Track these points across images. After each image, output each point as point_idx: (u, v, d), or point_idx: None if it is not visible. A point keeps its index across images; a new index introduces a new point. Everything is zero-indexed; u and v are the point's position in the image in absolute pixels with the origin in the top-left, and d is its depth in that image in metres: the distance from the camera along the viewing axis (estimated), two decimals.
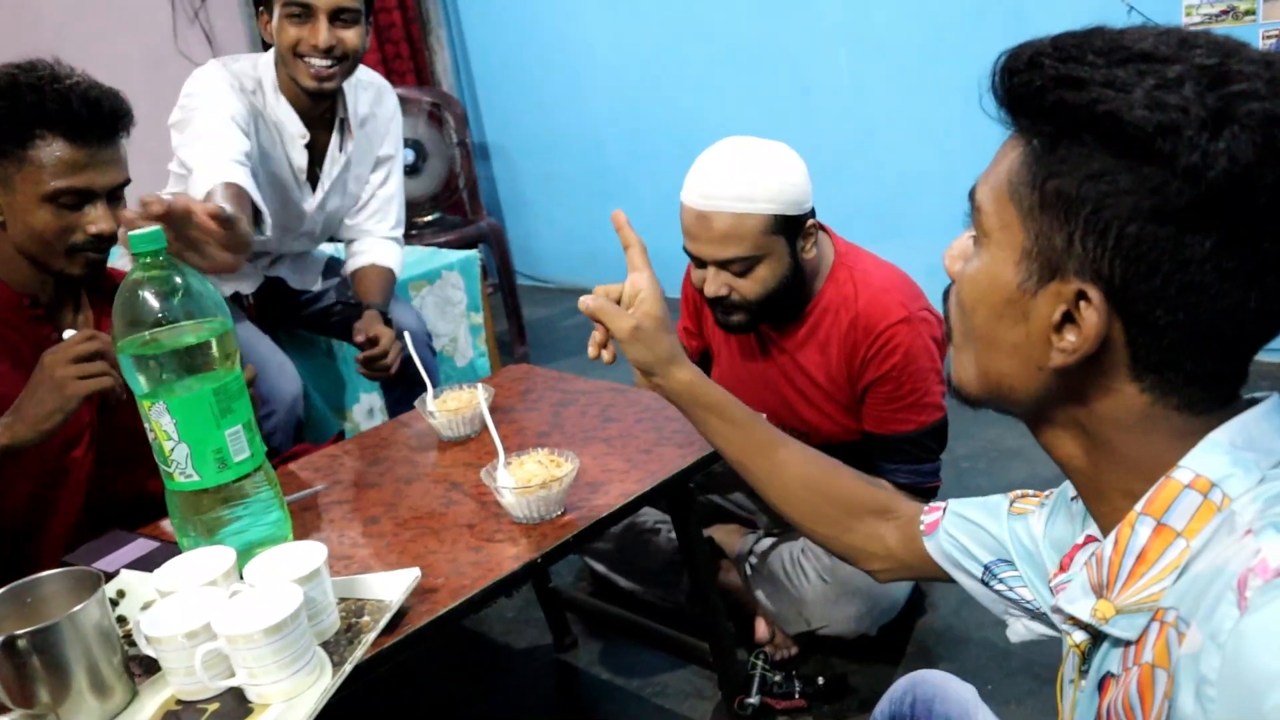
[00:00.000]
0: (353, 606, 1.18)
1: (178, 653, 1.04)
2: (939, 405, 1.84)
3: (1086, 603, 0.73)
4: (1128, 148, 0.64)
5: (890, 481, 1.86)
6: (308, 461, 1.69)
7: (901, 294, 1.81)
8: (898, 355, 1.77)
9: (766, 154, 1.71)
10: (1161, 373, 0.69)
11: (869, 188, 3.62)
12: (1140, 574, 0.69)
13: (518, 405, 1.81)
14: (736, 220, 1.67)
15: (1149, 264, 0.65)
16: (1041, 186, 0.68)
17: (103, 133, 1.50)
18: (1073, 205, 0.67)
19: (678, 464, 1.51)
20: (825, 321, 1.83)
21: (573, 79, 4.43)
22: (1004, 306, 0.72)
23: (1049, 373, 0.72)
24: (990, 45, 0.74)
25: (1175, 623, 0.66)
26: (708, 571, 1.74)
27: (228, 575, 1.16)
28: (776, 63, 3.80)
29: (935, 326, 1.84)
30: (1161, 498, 0.69)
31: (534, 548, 1.31)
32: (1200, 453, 0.69)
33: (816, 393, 1.87)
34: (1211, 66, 0.63)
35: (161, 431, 1.15)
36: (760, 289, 1.73)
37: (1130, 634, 0.70)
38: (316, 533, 1.43)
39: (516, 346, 4.01)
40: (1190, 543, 0.67)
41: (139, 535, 1.45)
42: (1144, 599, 0.69)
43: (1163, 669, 0.66)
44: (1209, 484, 0.68)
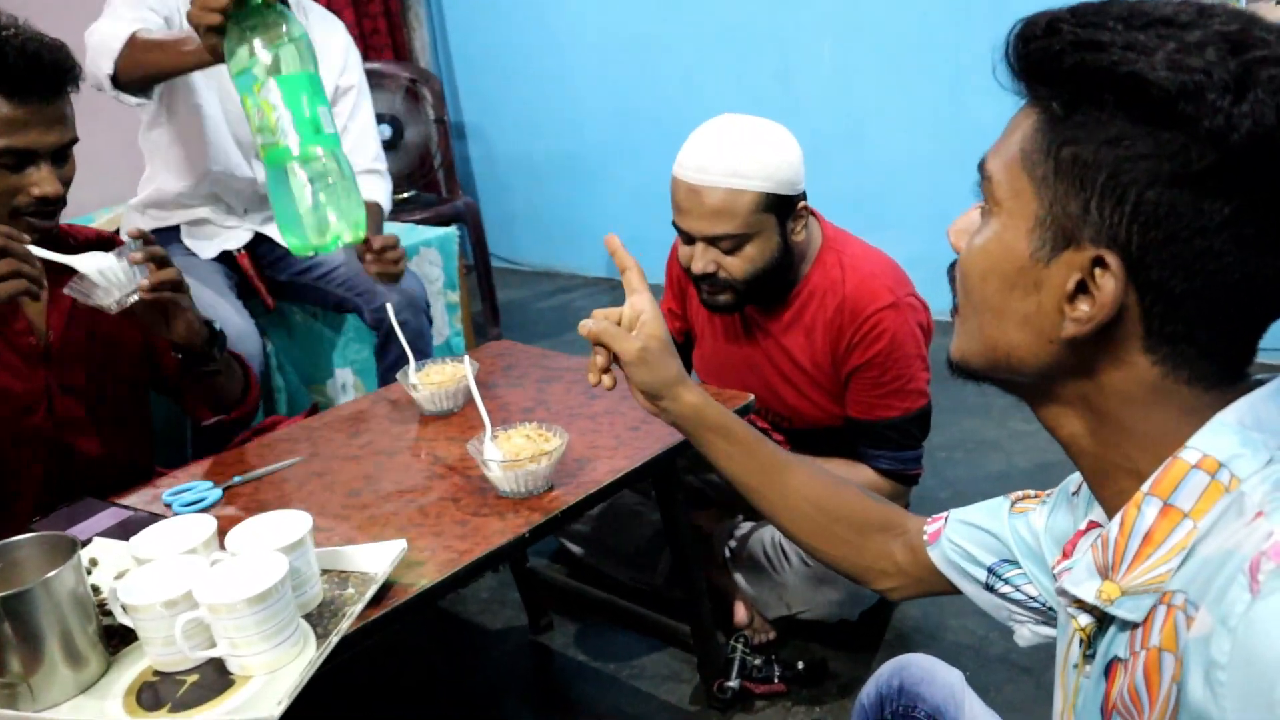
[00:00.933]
0: (336, 578, 1.15)
1: (156, 622, 1.00)
2: (923, 392, 1.83)
3: (1091, 584, 0.72)
4: (1148, 111, 0.63)
5: (872, 467, 1.86)
6: (285, 433, 1.65)
7: (889, 279, 1.80)
8: (883, 341, 1.76)
9: (762, 131, 1.69)
10: (1175, 344, 0.67)
11: (853, 177, 3.61)
12: (1146, 555, 0.68)
13: (500, 381, 1.78)
14: (729, 196, 1.65)
15: (1167, 230, 0.63)
16: (1057, 153, 0.67)
17: (44, 89, 1.40)
18: (1089, 171, 0.65)
19: (666, 441, 1.49)
20: (811, 305, 1.82)
21: (553, 59, 4.39)
22: (1016, 276, 0.71)
23: (1060, 344, 0.70)
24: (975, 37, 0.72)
25: (1184, 605, 0.64)
26: (692, 553, 1.72)
27: (208, 543, 1.13)
28: (761, 50, 3.78)
29: (921, 313, 1.83)
30: (1169, 478, 0.68)
31: (522, 522, 1.29)
32: (1208, 433, 0.68)
33: (800, 376, 1.86)
34: (1232, 33, 0.62)
35: (268, 105, 1.36)
36: (748, 268, 1.71)
37: (1136, 615, 0.69)
38: (296, 504, 1.39)
39: (490, 327, 3.97)
40: (1198, 524, 0.66)
41: (111, 503, 1.40)
42: (1150, 580, 0.68)
43: (1170, 653, 0.65)
44: (1217, 464, 0.66)
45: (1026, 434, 2.71)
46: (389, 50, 4.37)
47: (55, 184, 1.43)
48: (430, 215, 3.76)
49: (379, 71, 3.94)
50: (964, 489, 2.49)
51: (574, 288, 4.54)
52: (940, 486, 2.50)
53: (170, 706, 0.98)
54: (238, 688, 1.00)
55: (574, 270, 4.71)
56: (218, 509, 1.40)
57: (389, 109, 3.82)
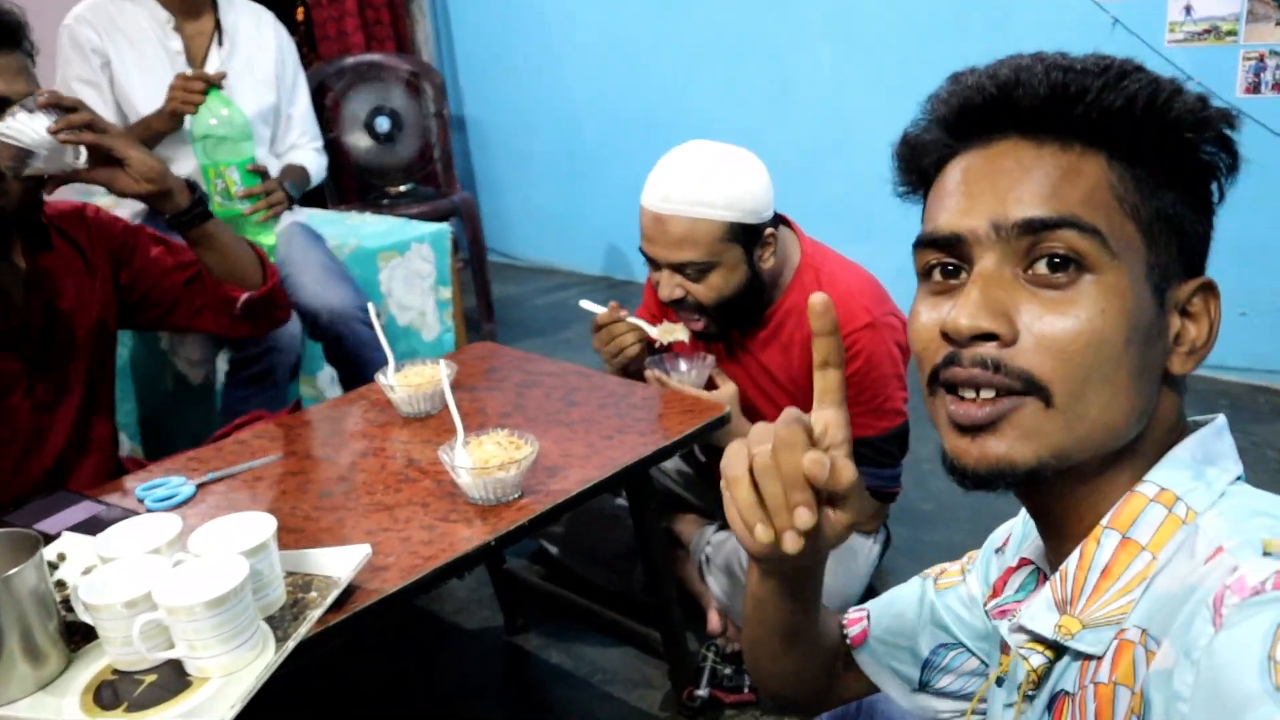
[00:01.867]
0: (300, 581, 1.16)
1: (116, 621, 1.01)
2: (900, 411, 1.83)
3: (1050, 618, 0.72)
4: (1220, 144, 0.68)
5: None
6: (263, 430, 1.66)
7: (867, 298, 1.80)
8: (860, 360, 1.77)
9: (728, 160, 1.70)
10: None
11: (844, 186, 3.61)
12: (1105, 588, 0.69)
13: (481, 384, 1.79)
14: (692, 225, 1.67)
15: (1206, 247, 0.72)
16: (1156, 197, 0.69)
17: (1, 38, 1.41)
18: (1179, 209, 0.69)
19: (638, 451, 1.49)
20: (789, 323, 1.82)
21: (553, 58, 4.39)
22: (1148, 329, 0.68)
23: (1157, 385, 0.70)
24: (971, 51, 0.72)
25: (1144, 640, 0.65)
26: (663, 561, 1.73)
27: (172, 544, 1.14)
28: (758, 56, 3.78)
29: (900, 331, 1.83)
30: (1127, 511, 0.69)
31: (489, 530, 1.30)
32: (1164, 467, 0.69)
33: (779, 393, 1.87)
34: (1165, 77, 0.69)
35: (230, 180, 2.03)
36: (714, 295, 1.73)
37: (1097, 649, 0.68)
38: (267, 504, 1.40)
39: (484, 323, 3.98)
40: (1156, 556, 0.67)
41: (84, 497, 1.41)
42: (1110, 613, 0.68)
43: (1126, 687, 0.65)
44: (1174, 498, 0.68)
45: None
46: (391, 42, 4.37)
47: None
48: (427, 209, 3.77)
49: (380, 63, 3.95)
50: (947, 501, 2.50)
51: (570, 285, 4.55)
52: (923, 499, 2.51)
53: (127, 706, 0.99)
54: (194, 689, 1.00)
55: (571, 267, 4.71)
56: (189, 506, 1.41)
57: (389, 101, 3.83)
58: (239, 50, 2.38)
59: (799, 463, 0.67)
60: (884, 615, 0.98)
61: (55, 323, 1.57)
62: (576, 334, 3.92)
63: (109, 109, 2.22)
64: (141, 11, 2.27)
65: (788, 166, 1.82)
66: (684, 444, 1.56)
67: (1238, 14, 2.78)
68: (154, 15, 2.28)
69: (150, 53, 2.27)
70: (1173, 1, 2.88)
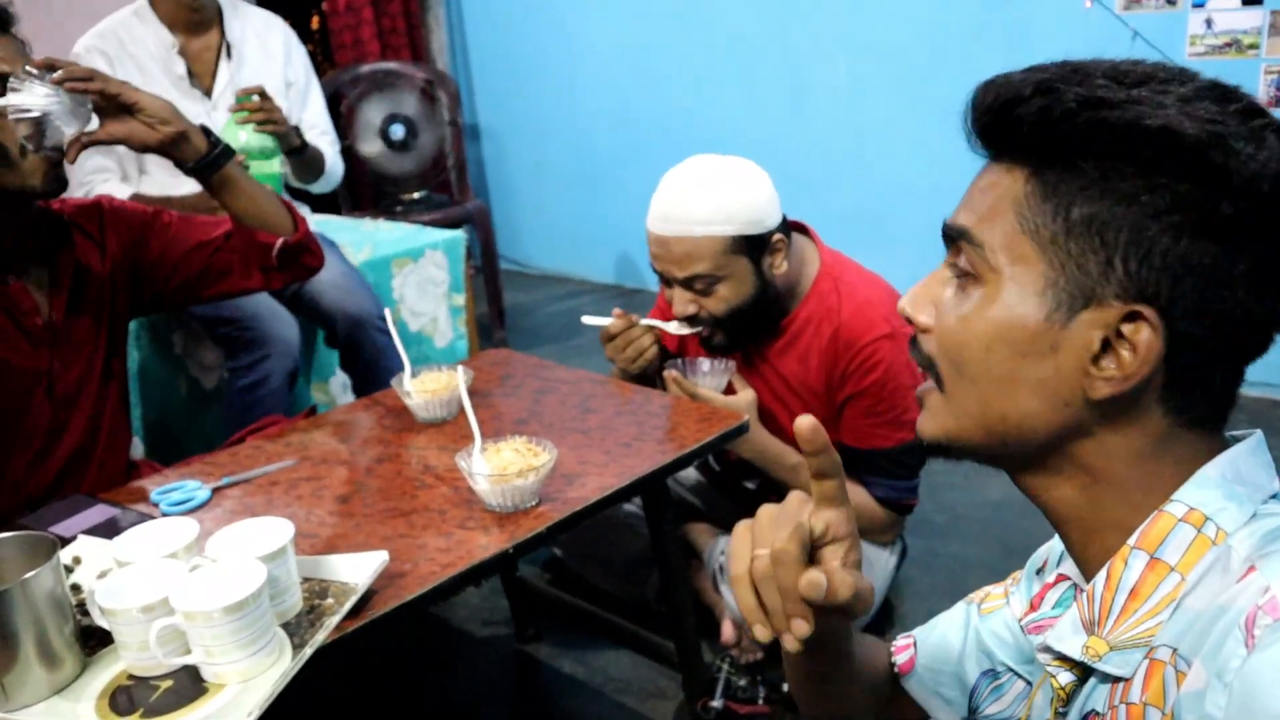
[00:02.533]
0: (316, 587, 1.15)
1: (132, 626, 1.00)
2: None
3: (1077, 640, 0.71)
4: (1166, 162, 0.63)
5: (869, 493, 1.85)
6: (278, 435, 1.65)
7: (886, 308, 1.79)
8: (879, 371, 1.76)
9: (726, 174, 1.70)
10: (1189, 392, 0.68)
11: (860, 195, 3.61)
12: (1133, 609, 0.68)
13: (496, 390, 1.78)
14: (694, 243, 1.69)
15: (1193, 281, 0.64)
16: (1066, 215, 0.66)
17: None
18: (1107, 230, 0.65)
19: (656, 460, 1.48)
20: (807, 332, 1.81)
21: (568, 66, 4.39)
22: (1028, 342, 0.68)
23: (1079, 406, 0.68)
24: (991, 62, 0.72)
25: (1174, 660, 0.64)
26: (679, 571, 1.72)
27: (189, 548, 1.13)
28: (774, 64, 3.78)
29: None
30: (1155, 531, 0.68)
31: (506, 538, 1.28)
32: (1193, 486, 0.68)
33: (794, 402, 1.85)
34: (1209, 86, 0.65)
35: None
36: (725, 307, 1.73)
37: (1124, 671, 0.68)
38: (283, 509, 1.39)
39: (496, 330, 3.97)
40: (1185, 577, 0.66)
41: (99, 500, 1.41)
42: (1139, 635, 0.67)
43: (1156, 708, 0.64)
44: (1203, 518, 0.66)
45: None
46: (406, 50, 4.38)
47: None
48: (440, 217, 3.77)
49: (395, 71, 3.96)
50: (961, 514, 2.48)
51: (582, 293, 4.54)
52: (937, 511, 2.49)
53: (143, 711, 0.98)
54: (210, 696, 0.99)
55: (582, 275, 4.71)
56: (205, 510, 1.40)
57: (404, 109, 3.83)
58: (246, 62, 2.38)
59: (794, 581, 0.68)
60: (929, 642, 0.97)
61: (75, 319, 1.57)
62: (588, 341, 3.91)
63: None
64: (149, 35, 2.29)
65: (804, 176, 1.82)
66: (702, 453, 1.55)
67: (1259, 27, 2.77)
68: (160, 39, 2.30)
69: (157, 76, 2.27)
70: (1193, 14, 2.87)
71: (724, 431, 1.57)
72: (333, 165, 2.53)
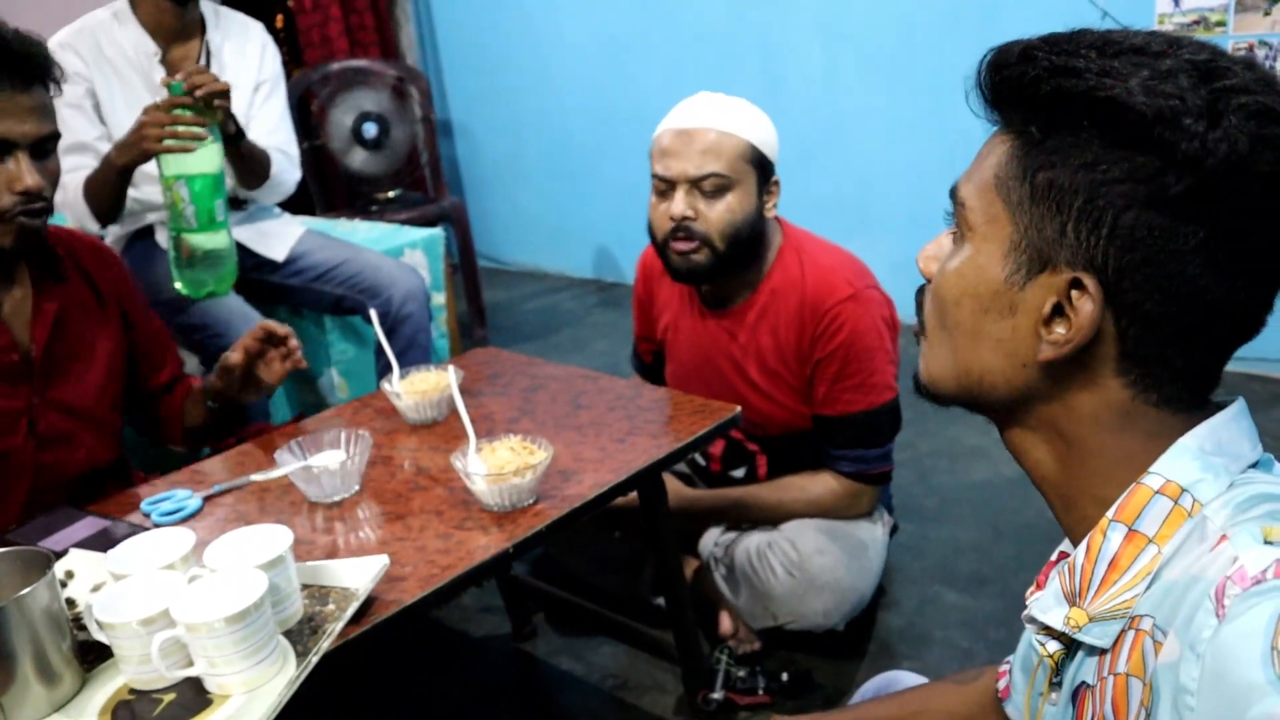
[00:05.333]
0: (316, 594, 1.13)
1: (132, 640, 0.99)
2: (889, 385, 1.83)
3: (1060, 611, 0.73)
4: (1125, 135, 0.64)
5: (834, 471, 1.86)
6: (267, 440, 1.63)
7: (848, 272, 1.82)
8: (844, 333, 1.77)
9: (746, 103, 1.80)
10: (1147, 366, 0.69)
11: (837, 181, 3.61)
12: (1113, 581, 0.69)
13: (485, 389, 1.77)
14: (720, 137, 1.73)
15: (1143, 253, 0.65)
16: (1032, 178, 0.69)
17: (14, 74, 1.34)
18: (1065, 195, 0.67)
19: (652, 454, 1.48)
20: (775, 304, 1.83)
21: (540, 60, 4.37)
22: (991, 300, 0.71)
23: (1034, 367, 0.71)
24: (964, 45, 0.73)
25: (1151, 631, 0.65)
26: (676, 564, 1.71)
27: (186, 558, 1.11)
28: (748, 52, 3.77)
29: (884, 306, 1.84)
30: (1132, 504, 0.69)
31: (505, 537, 1.27)
32: (1170, 458, 0.69)
33: (768, 380, 1.86)
34: (1201, 61, 0.65)
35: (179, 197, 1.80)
36: (725, 218, 1.74)
37: (1104, 641, 0.70)
38: (277, 516, 1.37)
39: (476, 329, 3.95)
40: (1162, 549, 0.67)
41: (88, 512, 1.38)
42: (1117, 606, 0.69)
43: (1138, 679, 0.66)
44: (1179, 489, 0.68)
45: None
46: (375, 47, 4.34)
47: (36, 177, 1.36)
48: (416, 215, 3.74)
49: (365, 69, 3.92)
50: (950, 496, 2.49)
51: (560, 289, 4.52)
52: (925, 494, 2.50)
53: None
54: (216, 707, 0.98)
55: (560, 271, 4.69)
56: (197, 519, 1.38)
57: (376, 106, 3.80)
58: (226, 71, 2.32)
59: None
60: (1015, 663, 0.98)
61: (62, 358, 1.52)
62: (567, 338, 3.90)
63: (95, 131, 2.17)
64: (128, 40, 2.21)
65: (782, 163, 1.82)
66: (697, 445, 1.54)
67: (1226, 4, 2.79)
68: (140, 46, 2.22)
69: (136, 83, 2.21)
70: None
71: (718, 423, 1.57)
72: (281, 172, 2.34)
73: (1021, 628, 0.83)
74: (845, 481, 1.86)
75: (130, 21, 2.22)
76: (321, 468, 1.37)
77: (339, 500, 1.40)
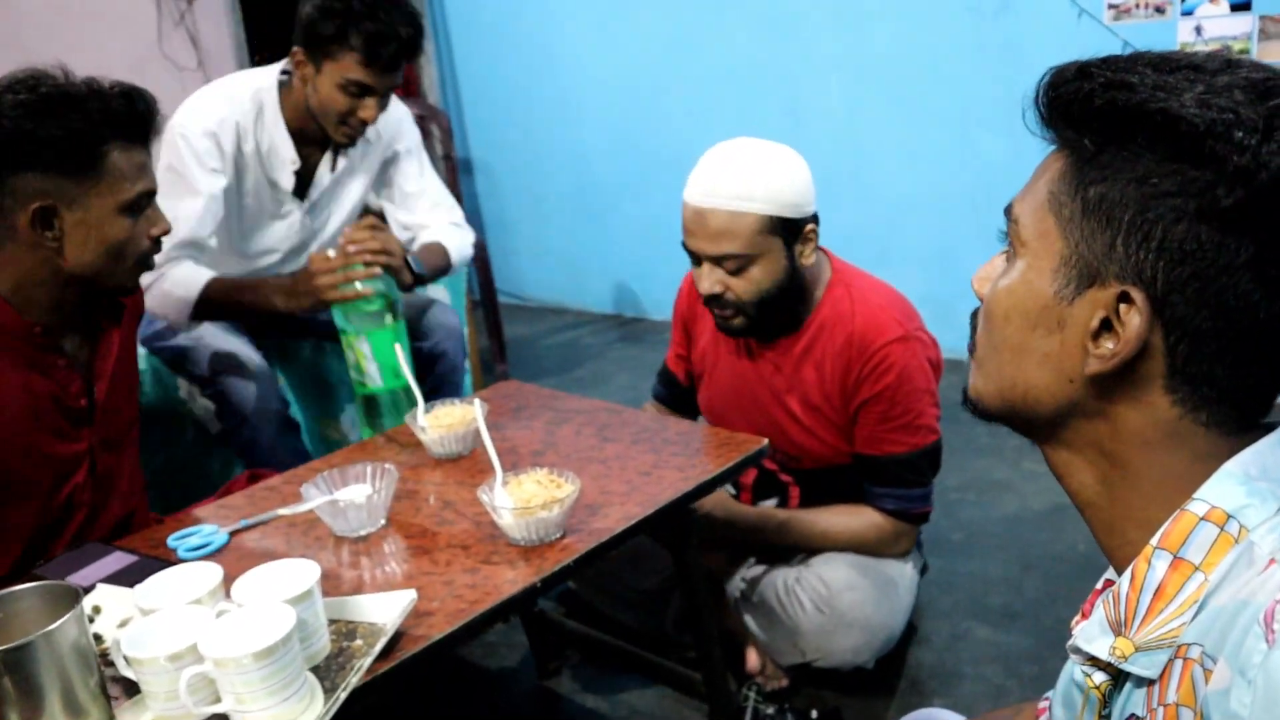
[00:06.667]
0: (344, 629, 1.12)
1: (160, 675, 0.98)
2: (932, 428, 1.81)
3: (1105, 641, 0.72)
4: (1177, 148, 0.64)
5: (876, 508, 1.83)
6: (293, 475, 1.63)
7: (898, 312, 1.79)
8: (892, 375, 1.75)
9: (769, 155, 1.70)
10: (1196, 385, 0.68)
11: (859, 215, 3.61)
12: (1159, 610, 0.68)
13: (510, 423, 1.76)
14: (731, 218, 1.66)
15: (1192, 267, 0.65)
16: (1084, 192, 0.69)
17: (148, 133, 1.44)
18: (1115, 209, 0.67)
19: (679, 487, 1.46)
20: (822, 338, 1.81)
21: (561, 97, 4.40)
22: (1039, 315, 0.71)
23: (1081, 382, 0.70)
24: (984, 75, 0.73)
25: (1200, 659, 0.64)
26: (705, 600, 1.69)
27: (214, 593, 1.11)
28: (768, 86, 3.79)
29: (931, 348, 1.82)
30: (1177, 531, 0.68)
31: (533, 571, 1.26)
32: (1215, 484, 0.68)
33: (809, 413, 1.84)
34: (1258, 80, 0.65)
35: (361, 354, 1.88)
36: (754, 289, 1.71)
37: (1151, 672, 0.68)
38: (303, 550, 1.37)
39: (497, 364, 3.95)
40: (1208, 576, 0.66)
41: (115, 548, 1.38)
42: (1163, 635, 0.68)
43: (1188, 708, 0.64)
44: (1225, 515, 0.66)
45: (1040, 475, 2.67)
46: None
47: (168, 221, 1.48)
48: None
49: None
50: (977, 530, 2.46)
51: (581, 324, 4.53)
52: (953, 528, 2.47)
53: None
54: None
55: (581, 307, 4.70)
56: (223, 554, 1.38)
57: None
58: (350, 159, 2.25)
59: None
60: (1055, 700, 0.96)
61: (115, 397, 1.55)
62: (589, 373, 3.90)
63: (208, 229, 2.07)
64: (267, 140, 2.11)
65: None
66: (726, 477, 1.53)
67: (1249, 32, 2.79)
68: (278, 150, 2.13)
69: (265, 192, 2.17)
70: (1183, 22, 2.88)
71: (746, 455, 1.56)
72: (460, 248, 2.32)
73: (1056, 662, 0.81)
74: (890, 519, 1.84)
75: (275, 118, 2.11)
76: (348, 502, 1.36)
77: (365, 535, 1.39)
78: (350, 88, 2.00)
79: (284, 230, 2.25)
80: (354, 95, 2.01)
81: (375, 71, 1.99)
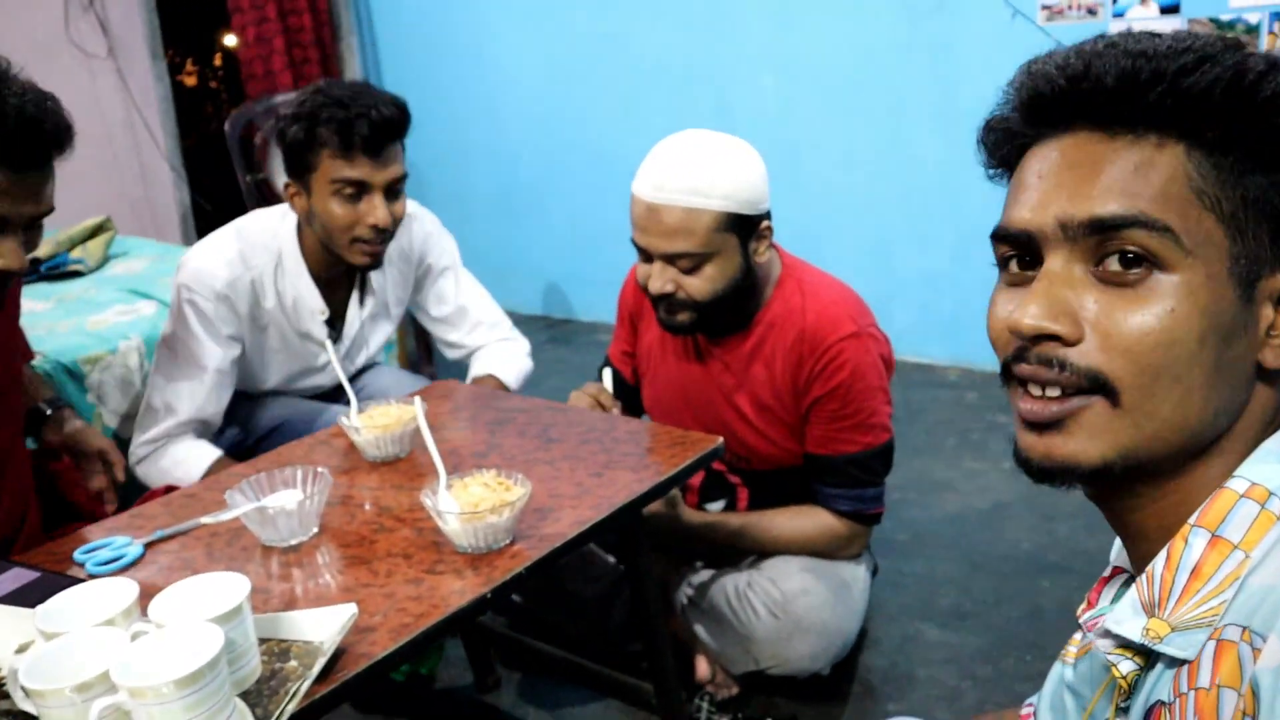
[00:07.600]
0: (276, 649, 1.02)
1: (65, 709, 0.87)
2: (885, 426, 1.76)
3: (1137, 622, 0.68)
4: None
5: (829, 509, 1.78)
6: (214, 480, 1.51)
7: (851, 308, 1.74)
8: (845, 372, 1.69)
9: (724, 149, 1.63)
10: None
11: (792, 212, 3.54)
12: (1195, 589, 0.65)
13: (449, 423, 1.67)
14: (687, 215, 1.58)
15: None
16: (1245, 186, 0.65)
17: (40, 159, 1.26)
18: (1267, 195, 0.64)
19: (633, 489, 1.39)
20: (772, 335, 1.75)
21: (487, 95, 4.30)
22: (1231, 325, 0.65)
23: (1253, 381, 0.68)
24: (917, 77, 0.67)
25: (1247, 638, 0.61)
26: (657, 607, 1.61)
27: (128, 613, 0.99)
28: (699, 85, 3.75)
29: (883, 344, 1.77)
30: (1215, 509, 0.66)
31: (482, 581, 1.17)
32: (1255, 461, 0.66)
33: (759, 413, 1.78)
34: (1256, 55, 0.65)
35: None
36: (708, 288, 1.64)
37: (1188, 653, 0.65)
38: (228, 563, 1.25)
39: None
40: (1250, 554, 0.64)
41: (13, 563, 1.25)
42: (1201, 614, 0.65)
43: (1232, 689, 0.61)
44: (1266, 493, 0.65)
45: (979, 473, 2.67)
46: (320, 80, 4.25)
47: (20, 258, 1.28)
48: None
49: None
50: (922, 530, 2.43)
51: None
52: (898, 529, 2.43)
53: None
54: None
55: (509, 307, 4.55)
56: (138, 569, 1.26)
57: None
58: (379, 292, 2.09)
59: None
60: (1042, 705, 0.93)
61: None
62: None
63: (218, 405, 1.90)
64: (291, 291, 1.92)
65: None
66: (681, 478, 1.46)
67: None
68: (304, 301, 1.93)
69: (294, 342, 1.98)
70: (1114, 24, 2.90)
71: (700, 455, 1.49)
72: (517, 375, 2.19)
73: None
74: (844, 521, 1.78)
75: (297, 267, 1.91)
76: (278, 508, 1.25)
77: (296, 544, 1.28)
78: (343, 190, 1.76)
79: (321, 379, 2.09)
80: (351, 199, 1.77)
81: (359, 161, 1.75)
